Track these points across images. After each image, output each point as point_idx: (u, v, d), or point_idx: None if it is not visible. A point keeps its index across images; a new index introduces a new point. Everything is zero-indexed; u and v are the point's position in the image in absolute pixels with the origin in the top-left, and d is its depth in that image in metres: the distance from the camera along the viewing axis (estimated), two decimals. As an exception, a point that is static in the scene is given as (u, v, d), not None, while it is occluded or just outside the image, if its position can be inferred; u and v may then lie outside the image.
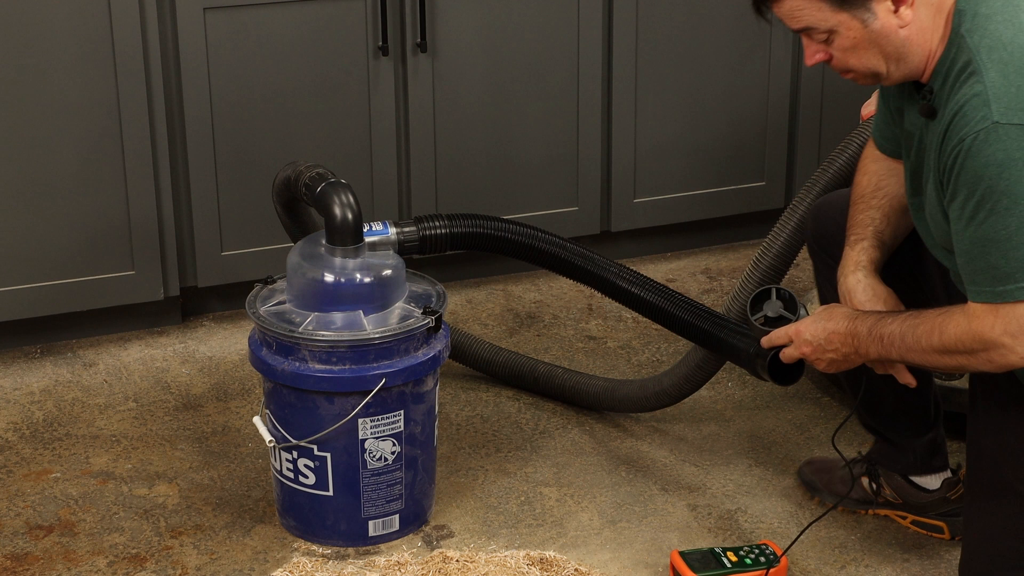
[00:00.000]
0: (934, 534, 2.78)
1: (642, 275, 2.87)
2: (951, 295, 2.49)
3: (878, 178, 2.58)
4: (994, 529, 2.39)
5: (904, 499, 2.80)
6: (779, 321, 2.58)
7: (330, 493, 2.71)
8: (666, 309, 2.83)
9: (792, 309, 2.58)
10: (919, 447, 2.77)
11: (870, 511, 2.84)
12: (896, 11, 2.22)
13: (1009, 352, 2.21)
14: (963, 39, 2.21)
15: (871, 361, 2.44)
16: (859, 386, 2.65)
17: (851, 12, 2.21)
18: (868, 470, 2.83)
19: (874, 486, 2.82)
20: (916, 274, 2.63)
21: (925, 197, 2.37)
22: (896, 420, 2.77)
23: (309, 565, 2.69)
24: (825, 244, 2.71)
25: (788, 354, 2.52)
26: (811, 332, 2.47)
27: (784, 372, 2.60)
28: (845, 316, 2.44)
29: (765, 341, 2.56)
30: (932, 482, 2.79)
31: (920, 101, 2.31)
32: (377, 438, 2.68)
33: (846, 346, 2.42)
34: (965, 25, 2.22)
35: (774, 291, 2.61)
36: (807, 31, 2.28)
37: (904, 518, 2.82)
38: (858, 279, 2.53)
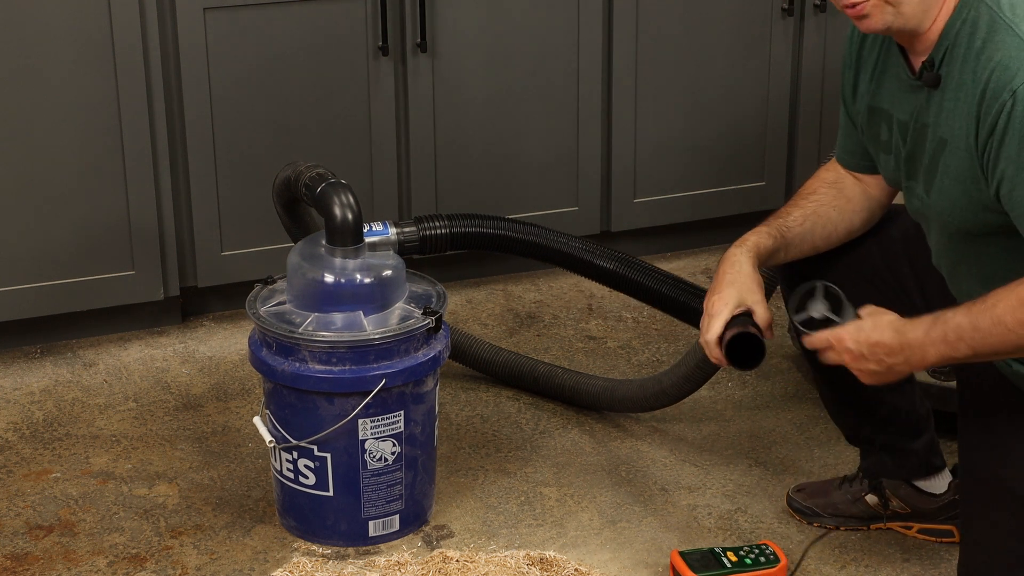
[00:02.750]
0: (943, 539, 2.76)
1: (647, 264, 2.88)
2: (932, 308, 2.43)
3: (818, 184, 2.57)
4: (992, 530, 2.39)
5: (913, 507, 2.77)
6: (824, 323, 2.40)
7: (330, 493, 2.71)
8: (660, 291, 2.86)
9: (838, 311, 2.39)
10: (918, 448, 2.75)
11: (873, 527, 2.82)
12: None
13: None
14: (980, 1, 2.18)
15: (919, 367, 2.29)
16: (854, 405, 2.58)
17: None
18: (872, 485, 2.80)
19: (882, 500, 2.79)
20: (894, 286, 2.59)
21: (929, 178, 2.31)
22: (892, 424, 2.73)
23: (309, 565, 2.69)
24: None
25: (829, 358, 2.36)
26: (853, 340, 2.31)
27: (743, 355, 2.41)
28: (892, 327, 2.28)
29: (807, 342, 2.39)
30: (939, 485, 2.77)
31: (917, 80, 2.28)
32: (377, 438, 2.68)
33: (892, 357, 2.27)
34: None
35: (821, 288, 2.42)
36: None
37: (909, 528, 2.80)
38: (736, 255, 2.46)
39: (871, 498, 2.79)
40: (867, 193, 2.55)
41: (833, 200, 2.54)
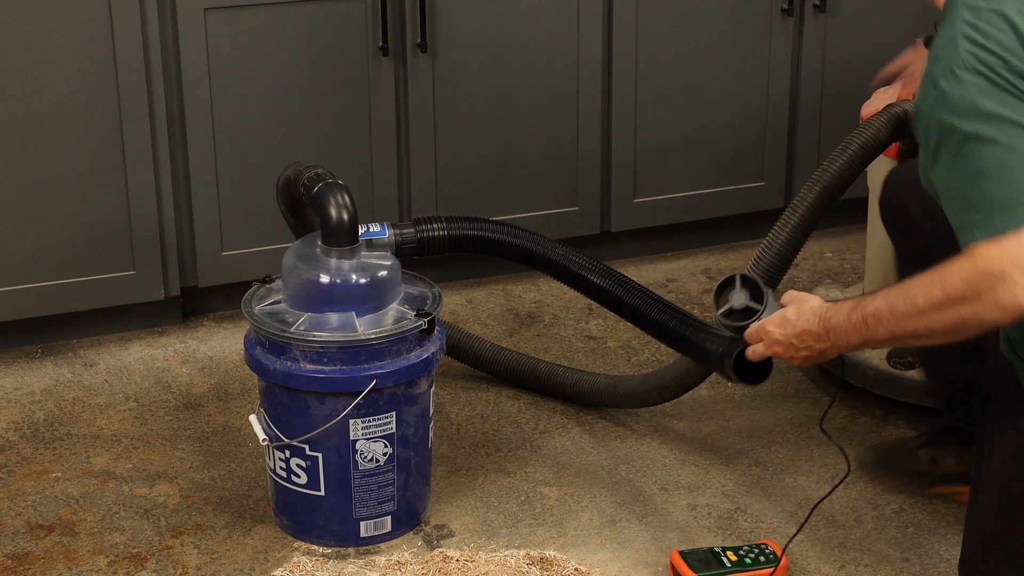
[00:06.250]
0: None
1: (629, 279, 2.88)
2: None
3: None
4: (997, 533, 2.39)
5: (968, 466, 2.75)
6: (745, 312, 2.46)
7: (322, 493, 2.71)
8: (649, 314, 2.85)
9: (758, 298, 2.45)
10: None
11: (930, 489, 2.80)
12: None
13: (1016, 288, 2.07)
14: None
15: (845, 350, 2.34)
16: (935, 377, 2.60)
17: None
18: (930, 440, 2.76)
19: (932, 456, 2.76)
20: None
21: None
22: (966, 403, 2.71)
23: (309, 565, 2.70)
24: (892, 216, 2.71)
25: (758, 352, 2.42)
26: (781, 332, 2.37)
27: (752, 371, 2.49)
28: (815, 312, 2.34)
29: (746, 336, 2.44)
30: None
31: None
32: (368, 439, 2.68)
33: (820, 343, 2.33)
34: None
35: (738, 279, 2.47)
36: None
37: (963, 494, 2.78)
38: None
39: (924, 452, 2.76)
40: None
41: None
